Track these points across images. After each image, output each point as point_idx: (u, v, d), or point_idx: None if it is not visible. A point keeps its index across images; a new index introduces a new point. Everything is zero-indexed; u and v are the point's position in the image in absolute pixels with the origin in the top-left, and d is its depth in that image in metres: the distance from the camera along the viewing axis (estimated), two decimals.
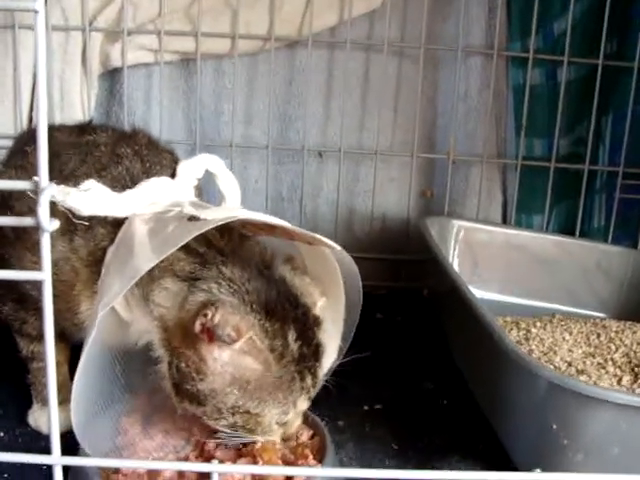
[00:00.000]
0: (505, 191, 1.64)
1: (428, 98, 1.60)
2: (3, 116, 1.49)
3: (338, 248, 0.86)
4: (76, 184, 0.80)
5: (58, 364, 1.00)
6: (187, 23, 1.48)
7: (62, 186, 0.76)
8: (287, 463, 0.87)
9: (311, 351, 0.83)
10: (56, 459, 0.69)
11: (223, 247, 0.85)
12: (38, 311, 0.95)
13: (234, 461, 0.85)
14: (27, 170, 0.95)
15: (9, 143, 1.16)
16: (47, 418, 1.00)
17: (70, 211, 0.77)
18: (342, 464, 0.97)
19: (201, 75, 1.51)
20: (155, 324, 0.83)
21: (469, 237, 1.48)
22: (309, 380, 0.83)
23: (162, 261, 0.81)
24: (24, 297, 0.94)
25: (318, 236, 0.84)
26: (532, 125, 1.56)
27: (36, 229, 0.86)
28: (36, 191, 0.60)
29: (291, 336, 0.81)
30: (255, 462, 0.84)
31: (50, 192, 0.60)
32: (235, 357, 0.79)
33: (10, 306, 0.98)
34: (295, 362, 0.82)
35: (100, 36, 1.48)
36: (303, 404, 0.85)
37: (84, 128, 1.07)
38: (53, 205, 0.87)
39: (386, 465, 0.98)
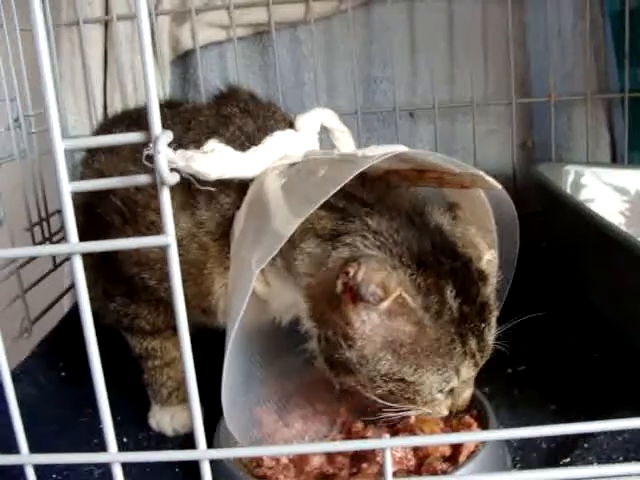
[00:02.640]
0: (612, 129, 1.51)
1: (518, 41, 1.48)
2: (78, 117, 1.44)
3: (499, 187, 0.77)
4: None
5: (176, 360, 0.94)
6: None
7: (181, 150, 0.68)
8: None
9: (475, 310, 0.73)
10: (202, 453, 0.61)
11: (365, 197, 0.76)
12: (151, 303, 0.88)
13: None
14: (118, 153, 0.87)
15: None
16: (170, 418, 0.94)
17: (194, 177, 0.69)
18: None
19: (277, 46, 1.42)
20: (302, 295, 0.75)
21: (585, 181, 1.36)
22: (473, 343, 0.73)
23: (301, 222, 0.73)
24: (135, 289, 0.86)
25: (481, 172, 0.75)
26: (636, 54, 1.42)
27: (147, 200, 0.80)
28: (148, 143, 0.52)
29: (449, 292, 0.71)
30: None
31: (166, 139, 0.52)
32: (384, 318, 0.70)
33: (119, 301, 0.90)
34: (455, 322, 0.72)
35: (168, 20, 1.42)
36: (469, 371, 0.74)
37: (171, 102, 1.00)
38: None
39: None
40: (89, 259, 0.62)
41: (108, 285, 0.90)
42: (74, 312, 1.32)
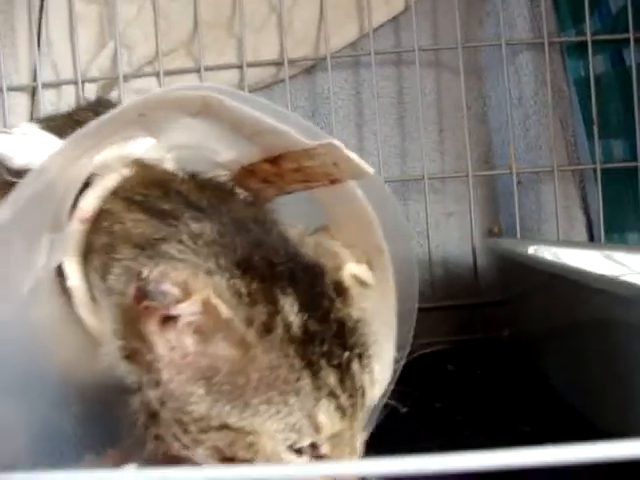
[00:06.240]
0: (587, 209, 1.36)
1: (477, 115, 1.38)
2: None
3: (370, 170, 0.63)
4: None
5: None
6: (189, 60, 1.33)
7: None
8: None
9: (330, 331, 0.55)
10: None
11: (198, 201, 0.62)
12: None
13: None
14: None
15: None
16: None
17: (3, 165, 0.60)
18: None
19: None
20: (116, 326, 0.58)
21: None
22: (331, 377, 0.54)
23: (116, 228, 0.60)
24: None
25: (335, 141, 0.61)
26: (606, 123, 1.30)
27: None
28: None
29: (287, 304, 0.55)
30: None
31: None
32: (194, 336, 0.53)
33: None
34: (298, 343, 0.54)
35: (94, 87, 1.33)
36: (333, 421, 0.54)
37: None
38: None
39: None
40: None
41: None
42: None
